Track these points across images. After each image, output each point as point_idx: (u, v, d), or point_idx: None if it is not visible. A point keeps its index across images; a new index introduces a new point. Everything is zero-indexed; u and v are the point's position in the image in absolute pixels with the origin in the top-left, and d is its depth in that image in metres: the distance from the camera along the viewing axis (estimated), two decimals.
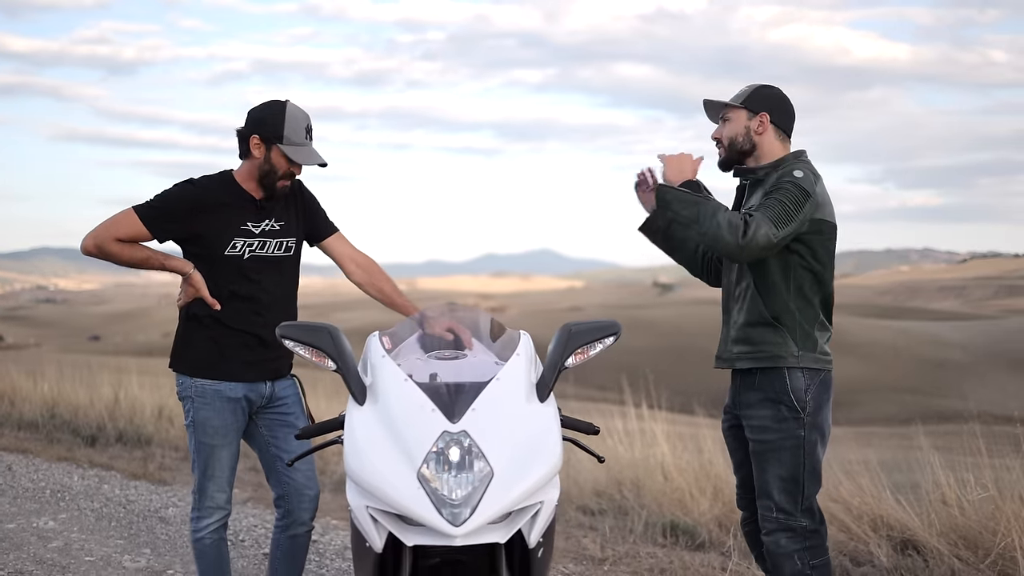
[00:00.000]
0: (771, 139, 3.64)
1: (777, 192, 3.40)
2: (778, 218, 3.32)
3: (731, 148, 3.67)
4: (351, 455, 2.56)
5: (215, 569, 3.85)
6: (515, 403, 2.62)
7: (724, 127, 3.69)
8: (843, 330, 67.42)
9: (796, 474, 3.45)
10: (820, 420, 3.50)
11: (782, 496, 3.46)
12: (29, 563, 5.21)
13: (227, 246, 3.69)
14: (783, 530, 3.47)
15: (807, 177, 3.45)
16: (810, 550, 3.48)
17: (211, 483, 3.77)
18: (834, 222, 3.57)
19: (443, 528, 2.38)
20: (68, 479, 7.46)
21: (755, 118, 3.62)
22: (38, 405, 11.00)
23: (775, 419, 3.45)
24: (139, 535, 5.87)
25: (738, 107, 3.64)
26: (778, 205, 3.35)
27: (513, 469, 2.47)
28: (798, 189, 3.40)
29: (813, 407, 3.46)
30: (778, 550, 3.47)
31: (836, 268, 3.64)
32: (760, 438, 3.49)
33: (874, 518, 5.41)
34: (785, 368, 3.44)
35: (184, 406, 3.78)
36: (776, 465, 3.46)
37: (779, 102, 3.67)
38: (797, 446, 3.44)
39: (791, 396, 3.42)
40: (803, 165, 3.55)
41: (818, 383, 3.49)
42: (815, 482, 3.50)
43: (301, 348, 2.79)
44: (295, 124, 3.66)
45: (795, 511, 3.46)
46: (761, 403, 3.48)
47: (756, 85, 3.71)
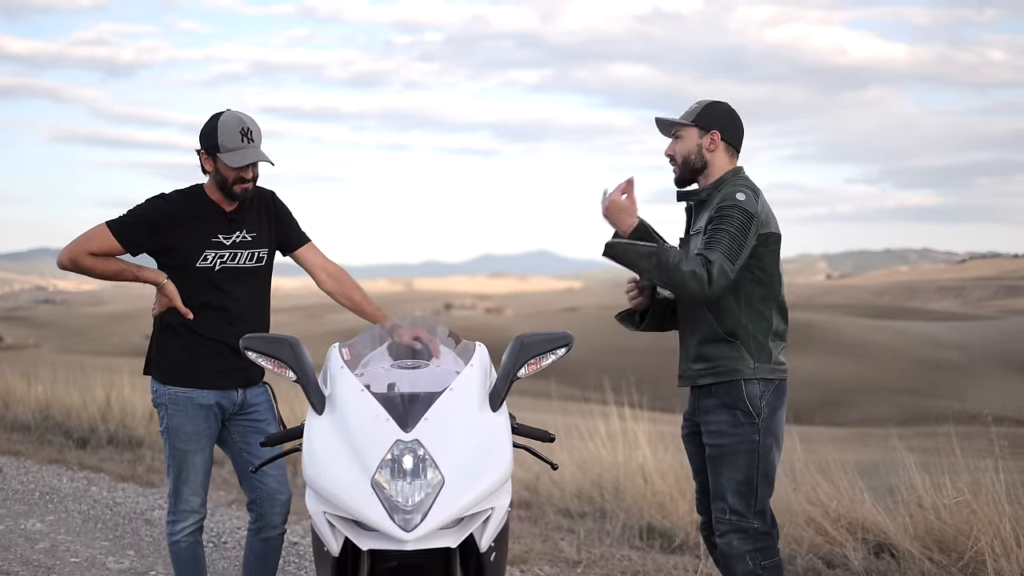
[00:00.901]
0: (721, 156, 3.71)
1: (723, 220, 3.47)
2: (730, 251, 3.41)
3: (684, 166, 3.73)
4: (309, 463, 2.67)
5: (191, 571, 3.96)
6: (467, 412, 2.73)
7: (676, 144, 3.74)
8: (840, 331, 67.52)
9: (750, 477, 3.53)
10: (774, 426, 3.59)
11: (736, 499, 3.54)
12: (15, 564, 5.32)
13: (199, 258, 3.79)
14: (736, 531, 3.55)
15: (749, 199, 3.52)
16: (761, 551, 3.56)
17: (185, 487, 3.87)
18: (778, 232, 3.64)
19: (395, 533, 2.49)
20: (58, 481, 7.58)
21: (706, 136, 3.69)
22: (31, 407, 11.12)
23: (731, 424, 3.53)
24: (124, 537, 5.98)
25: (689, 125, 3.70)
26: (727, 237, 3.43)
27: (464, 476, 2.58)
28: (743, 213, 3.47)
29: (767, 413, 3.54)
30: (731, 551, 3.56)
31: (836, 268, 3.72)
32: (716, 442, 3.57)
33: (851, 521, 5.50)
34: (742, 380, 3.54)
35: (158, 413, 3.89)
36: (731, 468, 3.54)
37: (729, 119, 3.74)
38: (752, 450, 3.52)
39: (747, 403, 3.51)
40: (743, 184, 3.62)
41: (772, 390, 3.58)
42: (768, 486, 3.59)
43: (263, 359, 2.90)
44: (228, 131, 3.73)
45: (748, 513, 3.54)
46: (717, 409, 3.58)
47: (706, 102, 3.77)
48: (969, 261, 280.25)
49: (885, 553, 5.23)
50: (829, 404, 44.17)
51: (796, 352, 54.14)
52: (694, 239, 3.69)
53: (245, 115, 3.82)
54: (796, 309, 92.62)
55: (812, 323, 71.96)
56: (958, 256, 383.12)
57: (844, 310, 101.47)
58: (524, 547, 5.64)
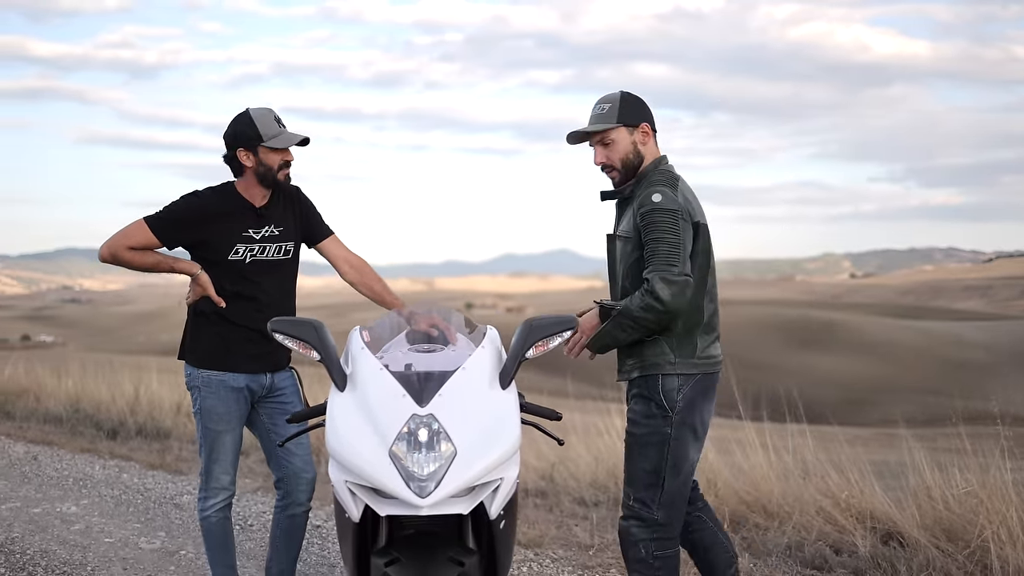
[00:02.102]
0: (652, 146, 3.68)
1: (649, 230, 3.45)
2: (668, 257, 3.40)
3: (625, 169, 3.66)
4: (332, 435, 2.88)
5: (221, 545, 4.19)
6: (478, 390, 2.92)
7: (609, 150, 3.66)
8: (864, 330, 67.28)
9: (658, 468, 3.53)
10: (692, 419, 3.58)
11: (642, 488, 3.56)
12: (53, 544, 5.57)
13: (230, 251, 4.00)
14: (636, 519, 3.58)
15: (667, 197, 3.48)
16: (657, 541, 3.57)
17: (216, 465, 4.09)
18: (703, 221, 3.60)
19: (411, 500, 2.69)
20: (90, 468, 7.84)
21: (636, 131, 3.64)
22: (62, 400, 11.42)
23: (644, 415, 3.56)
24: (155, 520, 6.22)
25: (617, 126, 3.62)
26: (661, 246, 3.41)
27: (475, 448, 2.77)
28: (665, 214, 3.44)
29: (683, 406, 3.54)
30: (628, 536, 3.61)
31: (860, 267, 3.72)
32: (630, 431, 3.62)
33: (860, 511, 5.61)
34: (660, 374, 3.56)
35: (192, 395, 4.12)
36: (641, 458, 3.57)
37: (644, 106, 3.68)
38: (662, 442, 3.53)
39: (661, 396, 3.53)
40: (658, 181, 3.57)
41: (693, 383, 3.57)
42: (677, 477, 3.57)
43: (289, 340, 3.11)
44: (264, 121, 3.97)
45: (653, 504, 3.56)
46: (635, 399, 3.62)
47: (616, 98, 3.66)
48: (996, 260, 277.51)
49: (893, 542, 5.32)
50: (852, 404, 44.01)
51: (819, 351, 53.95)
52: (619, 240, 3.68)
53: (268, 107, 4.06)
54: (819, 308, 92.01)
55: (835, 323, 71.75)
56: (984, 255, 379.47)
57: (868, 309, 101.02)
58: (539, 532, 5.83)
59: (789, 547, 5.41)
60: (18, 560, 5.21)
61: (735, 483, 6.35)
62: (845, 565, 5.14)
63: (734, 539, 5.59)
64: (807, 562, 5.23)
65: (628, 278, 3.62)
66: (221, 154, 4.08)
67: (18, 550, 5.40)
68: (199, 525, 4.23)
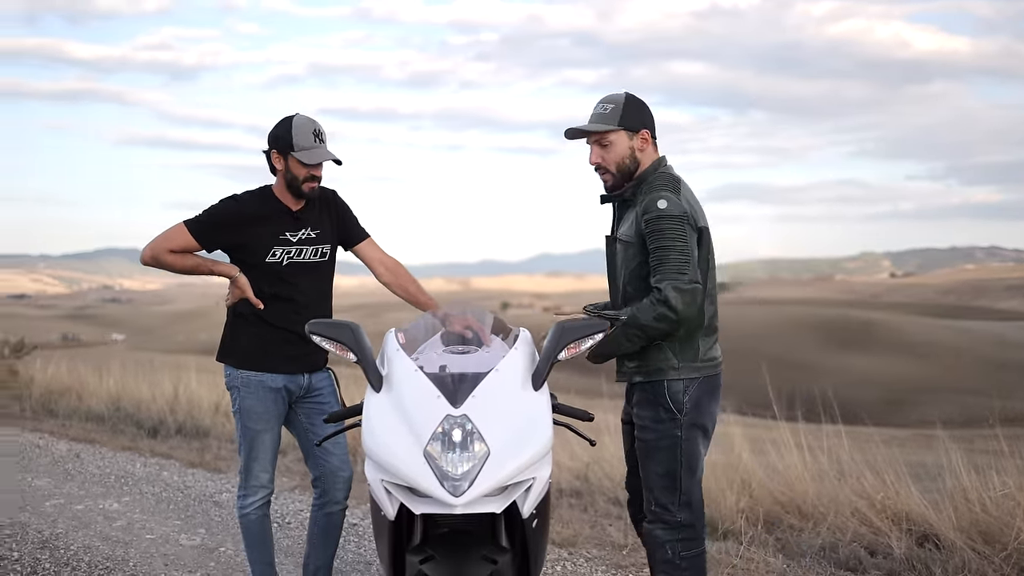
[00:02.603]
0: (650, 153, 3.66)
1: (657, 237, 3.43)
2: (679, 266, 3.39)
3: (620, 173, 3.64)
4: (368, 435, 2.93)
5: (259, 542, 4.27)
6: (511, 391, 2.97)
7: (606, 152, 3.63)
8: (903, 330, 66.65)
9: (673, 470, 3.58)
10: (700, 418, 3.60)
11: (660, 491, 3.60)
12: (96, 539, 5.69)
13: (267, 254, 4.07)
14: (659, 522, 3.63)
15: (672, 203, 3.45)
16: (682, 542, 3.62)
17: (255, 464, 4.17)
18: (706, 225, 3.60)
19: (445, 498, 2.74)
20: (131, 466, 7.98)
21: (636, 137, 3.61)
22: (104, 399, 11.62)
23: (654, 420, 3.59)
24: (195, 517, 6.32)
25: (617, 129, 3.59)
26: (669, 253, 3.40)
27: (507, 448, 2.82)
28: (672, 220, 3.42)
29: (691, 407, 3.57)
30: (653, 540, 3.65)
31: (899, 266, 3.69)
32: (642, 436, 3.65)
33: (896, 512, 5.59)
34: (665, 379, 3.58)
35: (231, 395, 4.19)
36: (655, 463, 3.60)
37: (648, 111, 3.65)
38: (674, 445, 3.56)
39: (668, 400, 3.56)
40: (662, 185, 3.55)
41: (697, 385, 3.59)
42: (692, 476, 3.62)
43: (326, 342, 3.17)
44: (302, 132, 4.02)
45: (673, 505, 3.60)
46: (643, 404, 3.64)
47: (620, 99, 3.63)
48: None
49: (929, 543, 5.30)
50: (891, 404, 43.59)
51: (857, 351, 53.43)
52: (619, 244, 3.68)
53: (314, 119, 4.09)
54: (858, 308, 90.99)
55: (875, 322, 71.12)
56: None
57: (908, 309, 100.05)
58: (573, 532, 5.86)
59: (823, 548, 5.40)
60: (62, 556, 5.32)
61: (770, 484, 6.35)
62: (879, 567, 5.12)
63: (767, 540, 5.60)
64: (841, 563, 5.22)
65: (631, 283, 3.62)
66: (262, 149, 4.15)
67: (62, 546, 5.52)
68: (238, 523, 4.31)
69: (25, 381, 12.76)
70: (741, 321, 75.07)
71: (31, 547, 5.47)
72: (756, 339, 67.33)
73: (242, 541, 4.42)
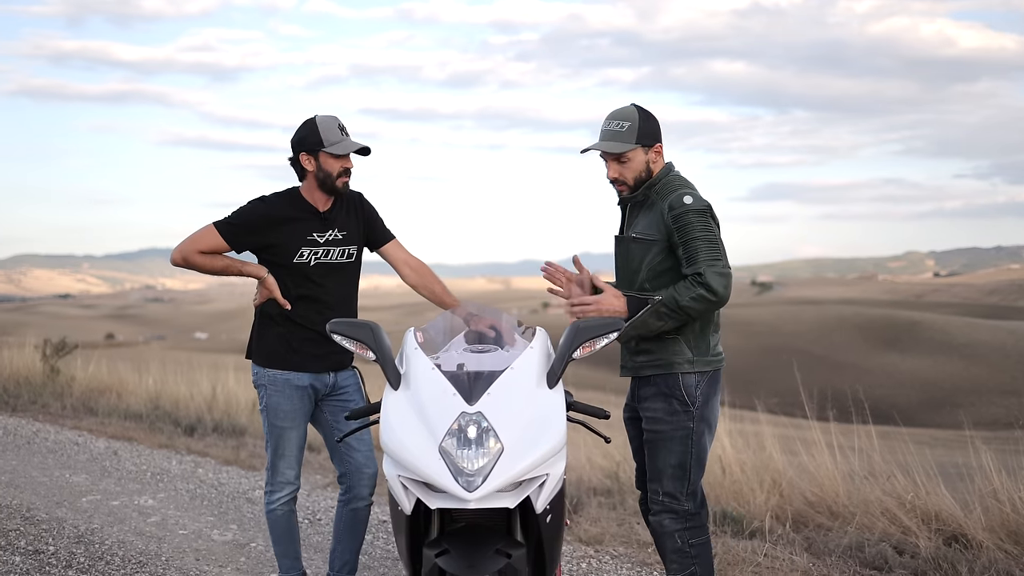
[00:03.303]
0: (660, 162, 3.83)
1: (687, 230, 3.59)
2: (711, 254, 3.57)
3: (636, 185, 3.80)
4: (385, 432, 2.99)
5: (286, 537, 4.37)
6: (526, 389, 3.02)
7: (624, 168, 3.79)
8: (947, 330, 65.81)
9: (684, 461, 3.71)
10: (708, 413, 3.75)
11: (670, 481, 3.72)
12: (130, 535, 5.80)
13: (295, 255, 4.15)
14: (668, 512, 3.74)
15: (696, 198, 3.64)
16: (690, 530, 3.74)
17: (282, 461, 4.26)
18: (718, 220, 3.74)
19: (459, 493, 2.80)
20: (167, 463, 8.11)
21: (651, 151, 3.78)
22: (143, 398, 11.81)
23: (667, 412, 3.70)
24: (227, 513, 6.43)
25: (635, 147, 3.74)
26: (701, 243, 3.58)
27: (521, 445, 2.87)
28: (699, 214, 3.61)
29: (702, 401, 3.71)
30: (662, 529, 3.76)
31: (943, 265, 3.72)
32: (653, 428, 3.75)
33: (925, 512, 5.59)
34: (679, 372, 3.70)
35: (259, 393, 4.28)
36: (667, 453, 3.71)
37: (657, 124, 3.82)
38: (686, 436, 3.69)
39: (683, 392, 3.69)
40: (681, 184, 3.73)
41: (707, 379, 3.74)
42: (700, 468, 3.76)
43: (346, 341, 3.23)
44: (327, 128, 4.10)
45: (681, 495, 3.72)
46: (655, 397, 3.74)
47: (634, 116, 3.77)
48: None
49: (957, 543, 5.29)
50: (933, 405, 43.13)
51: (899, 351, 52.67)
52: (634, 243, 3.79)
53: (335, 116, 4.18)
54: (902, 308, 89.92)
55: (918, 322, 70.30)
56: None
57: (952, 309, 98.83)
58: (600, 529, 5.90)
59: (850, 547, 5.39)
60: (96, 550, 5.44)
61: (800, 483, 6.34)
62: (905, 566, 5.12)
63: (795, 539, 5.60)
64: (867, 562, 5.22)
65: (651, 279, 3.73)
66: (288, 157, 4.22)
67: (96, 540, 5.64)
68: (265, 518, 4.42)
69: (66, 380, 12.97)
70: (785, 321, 74.57)
71: (67, 541, 5.59)
72: (800, 339, 66.88)
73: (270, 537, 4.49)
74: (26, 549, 5.40)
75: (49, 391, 12.48)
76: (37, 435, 9.45)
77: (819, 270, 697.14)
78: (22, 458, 8.27)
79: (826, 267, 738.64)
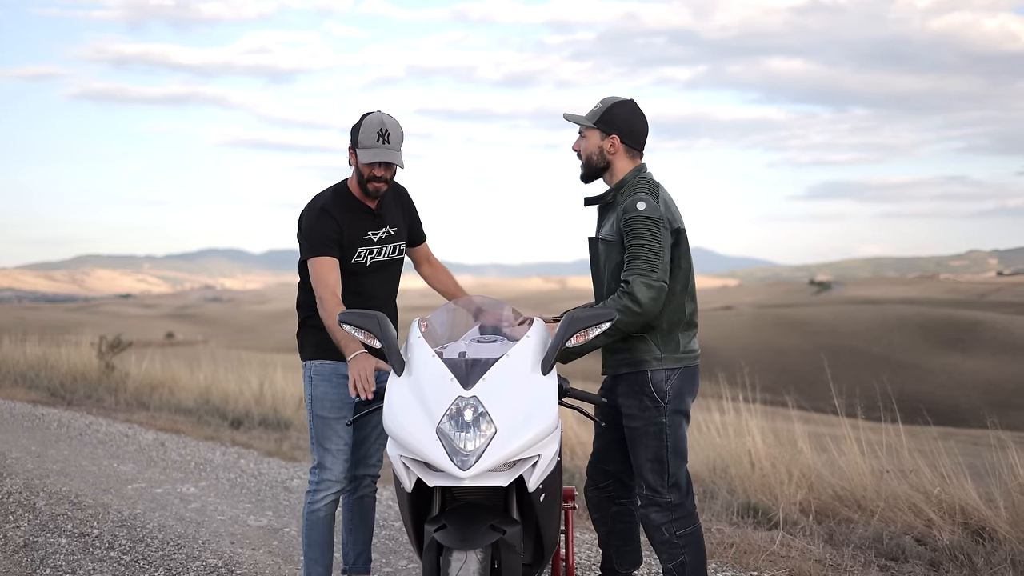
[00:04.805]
0: (622, 158, 3.89)
1: (632, 235, 3.68)
2: (648, 263, 3.63)
3: (587, 165, 3.93)
4: (388, 415, 3.19)
5: (322, 542, 4.22)
6: (520, 375, 3.20)
7: (581, 142, 3.94)
8: (1010, 330, 64.49)
9: (660, 455, 3.80)
10: (682, 406, 3.84)
11: (651, 475, 3.81)
12: (171, 519, 6.09)
13: (353, 255, 4.11)
14: (652, 505, 3.83)
15: (649, 205, 3.70)
16: (676, 521, 3.82)
17: (328, 456, 4.14)
18: (683, 227, 3.85)
19: (454, 472, 2.98)
20: (211, 454, 8.41)
21: (607, 139, 3.87)
22: (194, 393, 12.16)
23: (639, 408, 3.81)
24: (265, 500, 6.69)
25: (591, 126, 3.88)
26: (641, 251, 3.65)
27: (513, 427, 3.05)
28: (648, 222, 3.67)
29: (672, 396, 3.80)
30: (648, 522, 3.86)
31: (1006, 264, 3.73)
32: (629, 425, 3.87)
33: (950, 506, 5.65)
34: (648, 370, 3.81)
35: (305, 388, 4.23)
36: (644, 448, 3.82)
37: (628, 122, 3.87)
38: (660, 431, 3.79)
39: (652, 388, 3.79)
40: (641, 189, 3.78)
41: (678, 375, 3.82)
42: (679, 458, 3.84)
43: (355, 331, 3.43)
44: (368, 130, 4.00)
45: (662, 488, 3.81)
46: (628, 395, 3.86)
47: (610, 102, 3.89)
48: None
49: (980, 537, 5.34)
50: (995, 406, 42.30)
51: (961, 352, 51.62)
52: (602, 244, 3.91)
53: (389, 117, 4.05)
54: (964, 307, 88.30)
55: (980, 322, 69.05)
56: None
57: (1015, 308, 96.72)
58: None
59: (869, 538, 5.45)
60: (137, 533, 5.71)
61: (831, 478, 6.37)
62: (922, 556, 5.17)
63: (816, 530, 5.67)
64: (883, 552, 5.27)
65: (614, 280, 3.84)
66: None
67: (138, 524, 5.92)
68: (304, 517, 4.23)
69: (120, 376, 13.38)
70: (843, 320, 73.63)
71: (111, 525, 5.88)
72: (859, 339, 66.02)
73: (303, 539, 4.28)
74: (72, 532, 5.70)
75: (104, 386, 12.91)
76: (89, 427, 9.83)
77: (879, 269, 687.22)
78: (74, 448, 8.62)
79: (886, 266, 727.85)
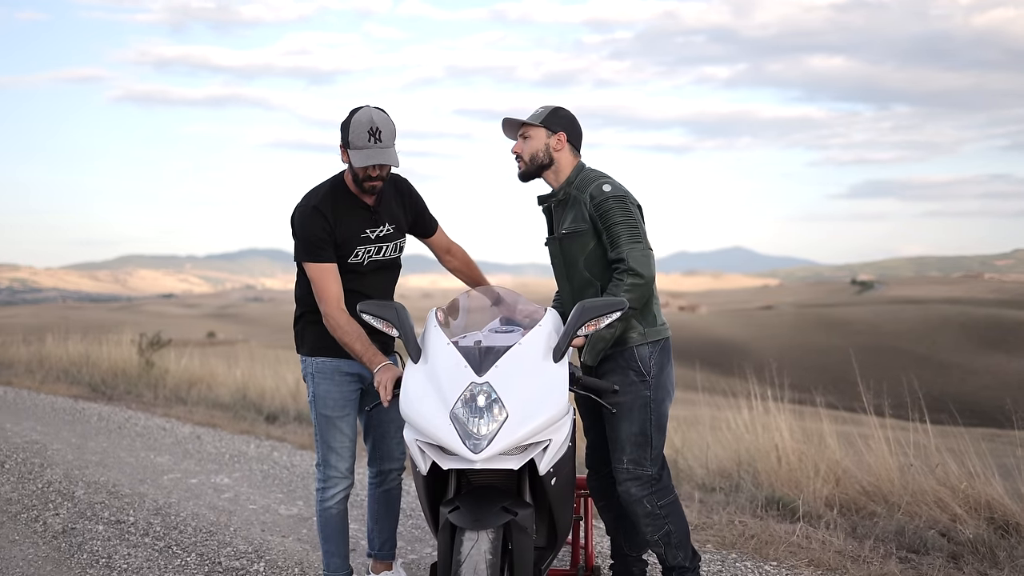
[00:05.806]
0: (566, 155, 4.07)
1: (609, 216, 3.85)
2: (632, 236, 3.82)
3: (532, 162, 4.07)
4: (404, 401, 3.30)
5: (337, 535, 4.25)
6: (532, 362, 3.30)
7: (525, 144, 4.08)
8: None
9: (645, 429, 3.93)
10: (663, 380, 3.99)
11: (634, 449, 3.93)
12: (204, 508, 6.26)
13: (350, 255, 4.05)
14: (632, 479, 3.93)
15: (615, 185, 3.92)
16: (656, 493, 3.96)
17: (332, 454, 4.14)
18: (639, 204, 4.00)
19: (466, 455, 3.08)
20: (245, 447, 8.58)
21: (553, 136, 4.04)
22: (231, 389, 12.37)
23: (625, 383, 3.92)
24: (296, 491, 6.84)
25: (538, 126, 4.04)
26: (622, 228, 3.83)
27: (524, 412, 3.15)
28: (618, 200, 3.87)
29: (656, 370, 3.95)
30: (629, 497, 3.95)
31: None
32: (614, 400, 3.92)
33: (976, 500, 5.67)
34: (634, 346, 3.94)
35: (307, 385, 4.19)
36: (628, 423, 3.93)
37: (573, 123, 4.10)
38: (645, 405, 3.93)
39: (638, 363, 3.92)
40: (599, 176, 3.99)
41: (659, 350, 3.98)
42: (661, 433, 3.99)
43: (374, 320, 3.54)
44: (358, 129, 3.85)
45: (645, 461, 3.94)
46: (612, 372, 3.96)
47: (551, 107, 4.10)
48: None
49: (1004, 531, 5.36)
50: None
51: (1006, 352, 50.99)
52: (566, 238, 4.01)
53: (379, 113, 3.90)
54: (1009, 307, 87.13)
55: None
56: None
57: None
58: None
59: (892, 531, 5.47)
60: (172, 521, 5.89)
61: (857, 473, 6.39)
62: (942, 549, 5.19)
63: (841, 524, 5.70)
64: (905, 545, 5.29)
65: (592, 267, 3.98)
66: None
67: (173, 512, 6.10)
68: (316, 515, 4.26)
69: (160, 372, 13.64)
70: (886, 320, 73.04)
71: (146, 513, 6.06)
72: (901, 338, 65.43)
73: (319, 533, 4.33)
74: (109, 519, 5.88)
75: (143, 382, 13.16)
76: (128, 421, 10.05)
77: (922, 268, 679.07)
78: (112, 441, 8.84)
79: (930, 265, 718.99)
